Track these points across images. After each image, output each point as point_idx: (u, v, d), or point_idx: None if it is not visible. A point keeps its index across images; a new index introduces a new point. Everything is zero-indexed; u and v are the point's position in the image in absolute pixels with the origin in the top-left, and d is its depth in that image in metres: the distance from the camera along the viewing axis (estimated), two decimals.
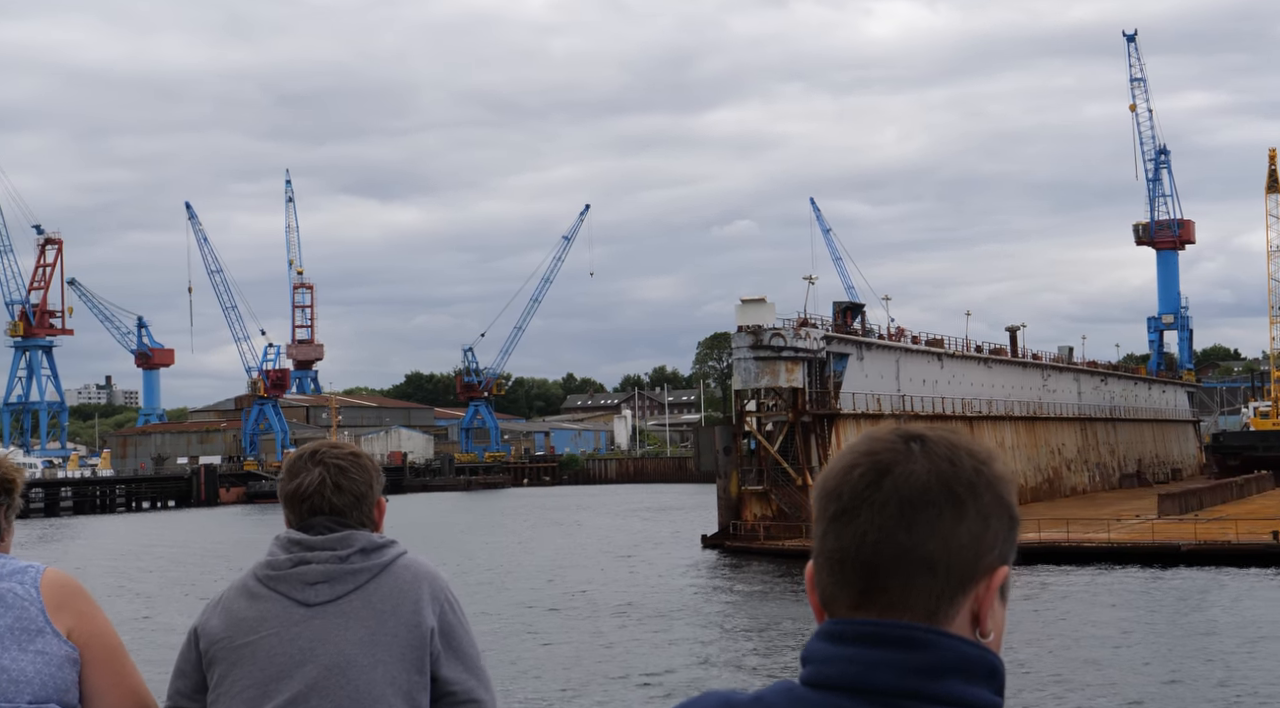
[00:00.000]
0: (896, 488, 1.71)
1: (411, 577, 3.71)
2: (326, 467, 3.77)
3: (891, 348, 75.22)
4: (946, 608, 1.71)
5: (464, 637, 3.75)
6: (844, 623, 1.72)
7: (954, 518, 1.71)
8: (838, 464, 1.77)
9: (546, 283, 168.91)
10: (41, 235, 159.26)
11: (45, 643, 3.44)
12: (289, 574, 3.67)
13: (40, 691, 3.42)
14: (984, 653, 1.72)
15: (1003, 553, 1.75)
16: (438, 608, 3.71)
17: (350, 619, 3.62)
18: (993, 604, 1.74)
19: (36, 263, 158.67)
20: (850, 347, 69.73)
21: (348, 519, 3.76)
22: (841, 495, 1.74)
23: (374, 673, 3.60)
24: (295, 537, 3.72)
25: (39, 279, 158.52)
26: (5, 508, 3.70)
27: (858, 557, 1.71)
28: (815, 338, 65.10)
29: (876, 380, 71.97)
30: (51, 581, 3.53)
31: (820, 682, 1.71)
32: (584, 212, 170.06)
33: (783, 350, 63.41)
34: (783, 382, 63.69)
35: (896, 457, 1.73)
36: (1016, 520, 1.78)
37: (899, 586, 1.70)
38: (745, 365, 64.29)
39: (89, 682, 3.52)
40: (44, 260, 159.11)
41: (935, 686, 1.67)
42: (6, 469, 3.74)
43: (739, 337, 64.47)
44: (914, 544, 1.70)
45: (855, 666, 1.69)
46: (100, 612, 3.60)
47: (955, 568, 1.71)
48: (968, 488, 1.72)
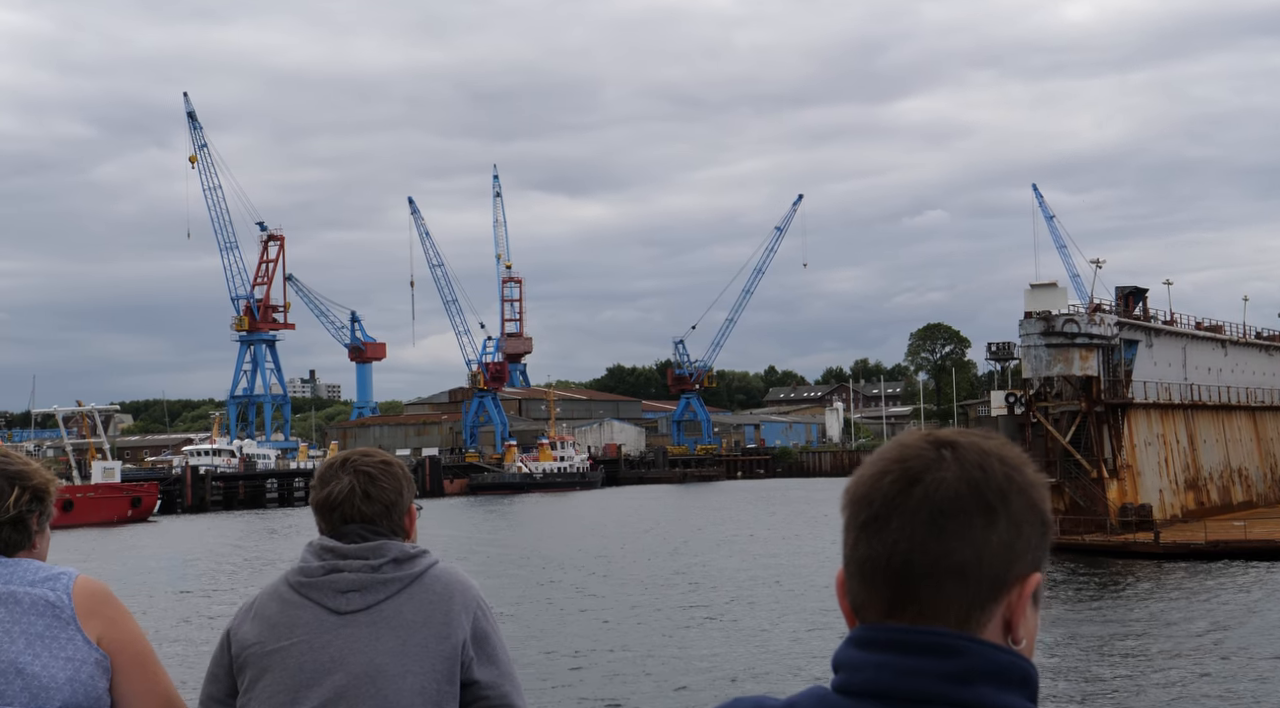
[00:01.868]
0: (927, 496, 1.69)
1: (443, 588, 3.75)
2: (356, 475, 3.82)
3: (1179, 334, 71.25)
4: (978, 616, 1.70)
5: (496, 642, 3.79)
6: (875, 629, 1.71)
7: (985, 526, 1.69)
8: (868, 471, 1.76)
9: (758, 274, 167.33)
10: (264, 232, 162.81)
11: (76, 649, 3.47)
12: (321, 581, 3.72)
13: (71, 697, 3.44)
14: (1016, 659, 1.70)
15: (1035, 560, 1.74)
16: (469, 618, 3.74)
17: (381, 629, 3.67)
18: (1025, 611, 1.72)
19: (259, 259, 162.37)
20: (1139, 333, 66.11)
21: (379, 527, 3.80)
22: (873, 503, 1.72)
23: (403, 683, 3.63)
24: (328, 544, 3.77)
25: (262, 275, 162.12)
26: (38, 515, 3.68)
27: (889, 565, 1.70)
28: (1109, 324, 61.74)
29: (1165, 368, 68.18)
30: (83, 587, 3.55)
31: (851, 689, 1.70)
32: (797, 202, 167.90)
33: (1076, 337, 60.23)
34: (1076, 369, 60.47)
35: (927, 464, 1.71)
36: (1049, 527, 1.77)
37: (930, 594, 1.69)
38: (1036, 353, 61.16)
39: (120, 688, 3.54)
40: (266, 256, 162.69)
41: (967, 692, 1.66)
42: (38, 476, 3.71)
43: (1029, 323, 61.34)
44: (945, 552, 1.68)
45: (886, 673, 1.68)
46: (131, 618, 3.62)
47: (987, 576, 1.69)
48: (999, 495, 1.70)
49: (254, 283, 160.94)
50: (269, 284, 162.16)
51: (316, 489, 3.87)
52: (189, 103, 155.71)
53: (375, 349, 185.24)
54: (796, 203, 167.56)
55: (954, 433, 1.77)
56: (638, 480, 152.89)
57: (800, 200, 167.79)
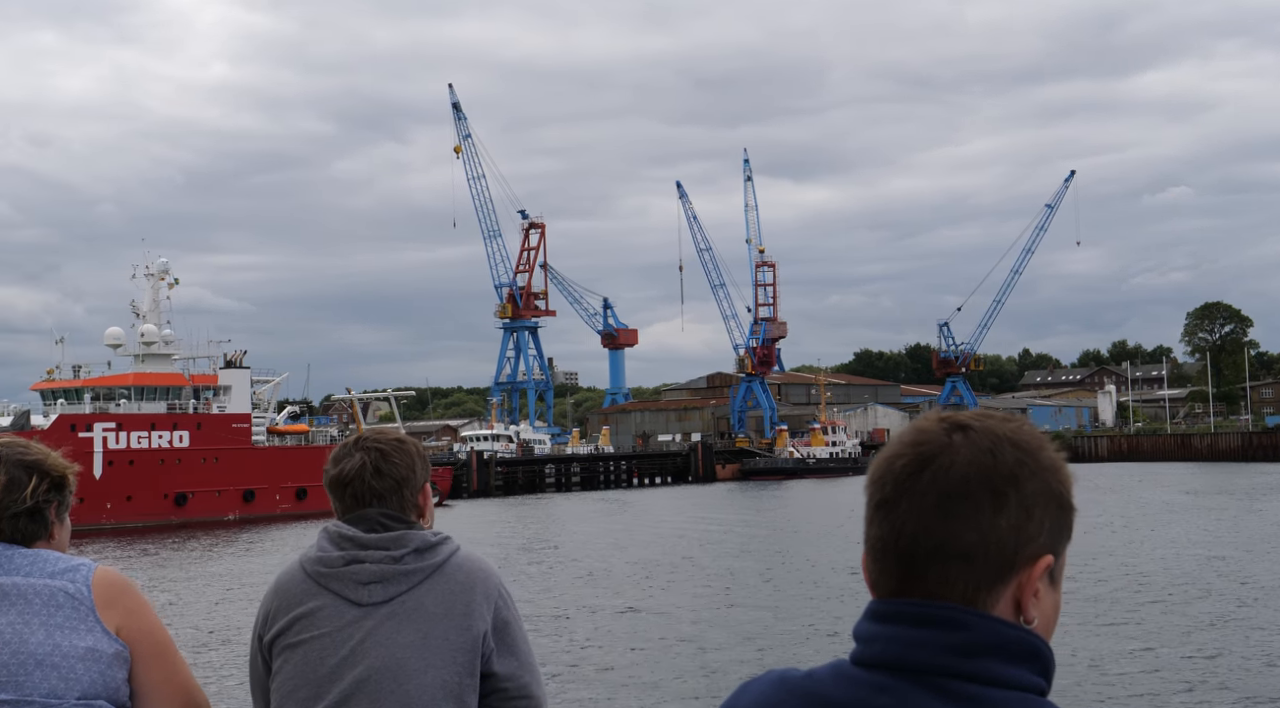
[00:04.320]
0: (935, 480, 1.73)
1: (465, 577, 3.70)
2: (367, 451, 3.79)
3: None
4: (985, 596, 1.74)
5: (517, 632, 3.76)
6: (887, 603, 1.78)
7: (993, 510, 1.72)
8: (884, 453, 1.82)
9: (1027, 254, 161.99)
10: (526, 220, 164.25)
11: (95, 640, 3.46)
12: (342, 573, 3.67)
13: (90, 688, 3.44)
14: (1025, 635, 1.74)
15: (1049, 541, 1.76)
16: (490, 608, 3.70)
17: (402, 621, 3.63)
18: (1035, 592, 1.76)
19: (521, 246, 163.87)
20: None
21: (388, 504, 3.76)
22: (885, 485, 1.78)
23: (425, 677, 3.58)
24: (347, 533, 3.71)
25: (524, 262, 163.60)
26: (56, 505, 3.67)
27: (897, 546, 1.76)
28: None
29: None
30: (102, 578, 3.53)
31: (865, 660, 1.76)
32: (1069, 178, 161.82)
33: None
34: None
35: (938, 448, 1.75)
36: (1068, 508, 1.79)
37: (936, 575, 1.74)
38: None
39: (139, 679, 3.54)
40: (528, 244, 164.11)
41: (972, 664, 1.70)
42: (57, 465, 3.69)
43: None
44: (951, 536, 1.73)
45: (895, 644, 1.73)
46: (150, 609, 3.60)
47: (993, 559, 1.73)
48: (1008, 480, 1.73)
49: (516, 270, 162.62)
50: (530, 271, 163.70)
51: (328, 469, 3.81)
52: (454, 94, 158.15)
53: (627, 335, 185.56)
54: (1069, 179, 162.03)
55: (970, 416, 1.79)
56: None
57: (1073, 176, 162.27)
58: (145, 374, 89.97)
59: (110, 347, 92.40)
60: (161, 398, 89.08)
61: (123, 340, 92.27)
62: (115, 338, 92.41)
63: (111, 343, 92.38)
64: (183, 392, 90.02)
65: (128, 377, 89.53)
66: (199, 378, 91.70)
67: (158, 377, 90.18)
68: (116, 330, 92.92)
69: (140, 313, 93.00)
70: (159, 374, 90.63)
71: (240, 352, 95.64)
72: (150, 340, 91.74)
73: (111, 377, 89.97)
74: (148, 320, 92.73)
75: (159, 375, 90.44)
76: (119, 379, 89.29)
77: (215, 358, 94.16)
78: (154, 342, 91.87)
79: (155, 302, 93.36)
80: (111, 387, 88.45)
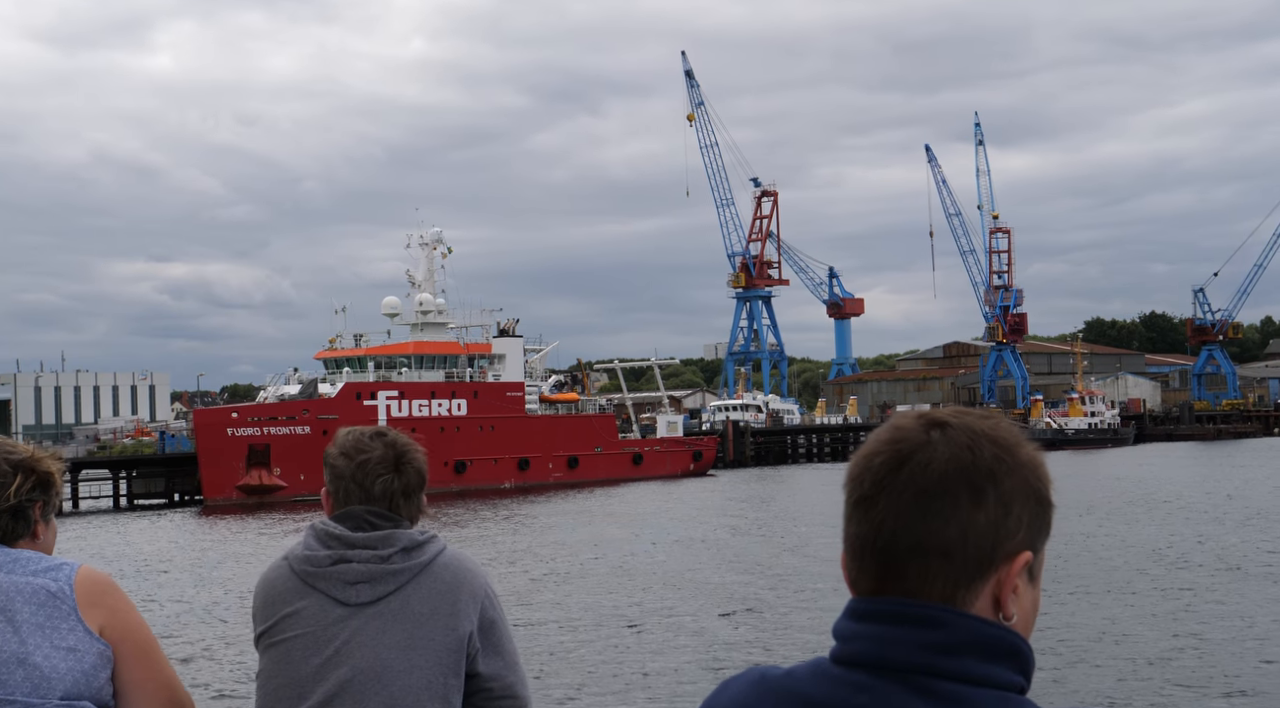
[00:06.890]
0: (913, 477, 1.73)
1: (451, 577, 3.66)
2: (388, 447, 3.74)
3: None
4: (964, 593, 1.74)
5: (503, 633, 3.72)
6: (866, 601, 1.78)
7: (971, 507, 1.72)
8: (862, 451, 1.82)
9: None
10: (758, 188, 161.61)
11: (78, 640, 3.43)
12: (329, 572, 3.64)
13: (72, 687, 3.40)
14: (1004, 633, 1.73)
15: (1028, 538, 1.76)
16: (477, 608, 3.67)
17: (388, 622, 3.59)
18: (1014, 589, 1.76)
19: (754, 215, 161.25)
20: None
21: (397, 505, 3.71)
22: (863, 483, 1.78)
23: (409, 678, 3.56)
24: (334, 531, 3.67)
25: (756, 231, 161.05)
26: (42, 504, 3.64)
27: (875, 543, 1.76)
28: None
29: None
30: (85, 578, 3.50)
31: (844, 659, 1.76)
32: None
33: None
34: None
35: (916, 445, 1.75)
36: (1047, 504, 1.79)
37: (915, 573, 1.74)
38: None
39: (122, 678, 3.50)
40: (760, 212, 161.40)
41: (951, 663, 1.70)
42: (43, 463, 3.66)
43: None
44: (929, 533, 1.72)
45: (873, 643, 1.73)
46: (133, 608, 3.56)
47: (972, 556, 1.73)
48: (987, 476, 1.73)
49: (749, 239, 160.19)
50: (763, 240, 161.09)
51: (348, 459, 3.72)
52: (686, 61, 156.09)
53: (854, 305, 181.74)
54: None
55: (948, 413, 1.80)
56: (1166, 437, 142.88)
57: None
58: (424, 343, 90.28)
59: (387, 315, 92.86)
60: (439, 366, 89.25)
61: (399, 309, 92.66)
62: (392, 306, 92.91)
63: (388, 311, 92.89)
64: (459, 360, 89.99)
65: (408, 345, 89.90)
66: (473, 346, 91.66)
67: (435, 345, 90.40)
68: (393, 300, 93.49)
69: (415, 281, 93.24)
70: (436, 343, 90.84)
71: (513, 320, 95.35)
72: (427, 309, 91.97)
73: (392, 345, 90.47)
74: (423, 289, 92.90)
75: (437, 344, 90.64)
76: (399, 348, 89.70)
77: (488, 326, 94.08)
78: (430, 310, 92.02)
79: (430, 271, 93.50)
80: (393, 355, 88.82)
